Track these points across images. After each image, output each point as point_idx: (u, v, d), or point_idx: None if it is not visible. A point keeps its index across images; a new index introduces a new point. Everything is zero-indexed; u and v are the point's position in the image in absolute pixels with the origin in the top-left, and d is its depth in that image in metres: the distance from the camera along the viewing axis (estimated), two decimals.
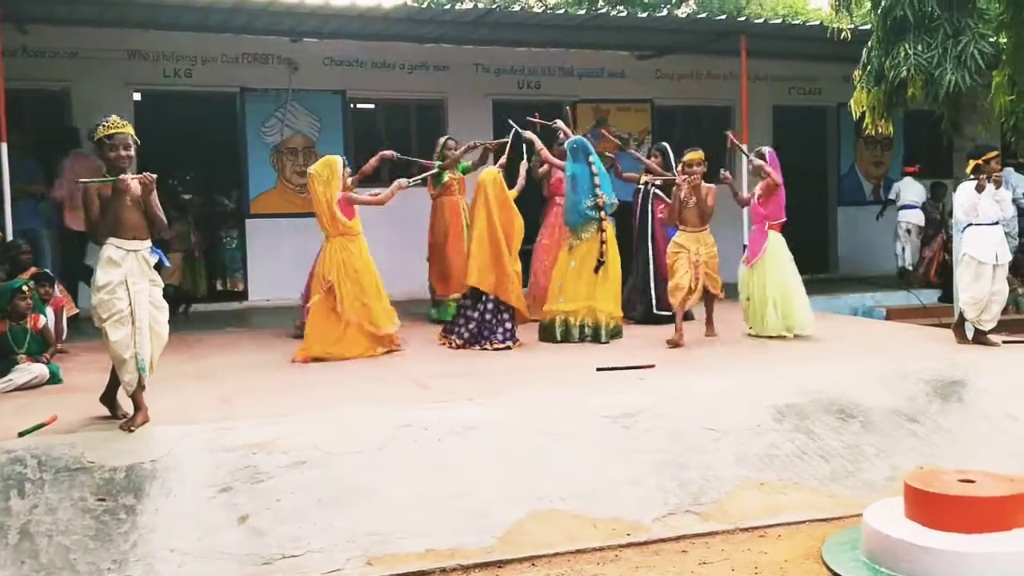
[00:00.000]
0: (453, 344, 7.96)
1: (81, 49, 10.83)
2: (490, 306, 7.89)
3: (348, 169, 7.92)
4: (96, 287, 5.14)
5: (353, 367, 7.31)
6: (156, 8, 9.76)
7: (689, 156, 8.13)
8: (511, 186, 8.14)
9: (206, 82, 11.49)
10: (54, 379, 6.65)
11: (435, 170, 9.19)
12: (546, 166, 9.04)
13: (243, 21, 10.51)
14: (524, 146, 8.87)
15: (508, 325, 7.92)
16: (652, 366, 6.80)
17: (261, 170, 11.73)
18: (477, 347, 7.86)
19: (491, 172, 8.06)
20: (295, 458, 4.99)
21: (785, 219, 8.52)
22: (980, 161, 7.55)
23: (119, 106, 10.96)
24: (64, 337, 7.97)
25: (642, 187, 9.37)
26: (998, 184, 7.54)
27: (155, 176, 5.22)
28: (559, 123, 8.99)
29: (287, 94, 11.70)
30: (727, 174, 8.62)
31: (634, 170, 9.69)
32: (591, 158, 8.11)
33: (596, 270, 7.97)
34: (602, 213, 8.01)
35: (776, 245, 8.40)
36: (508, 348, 7.83)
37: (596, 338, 7.98)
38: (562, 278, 8.11)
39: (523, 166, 8.61)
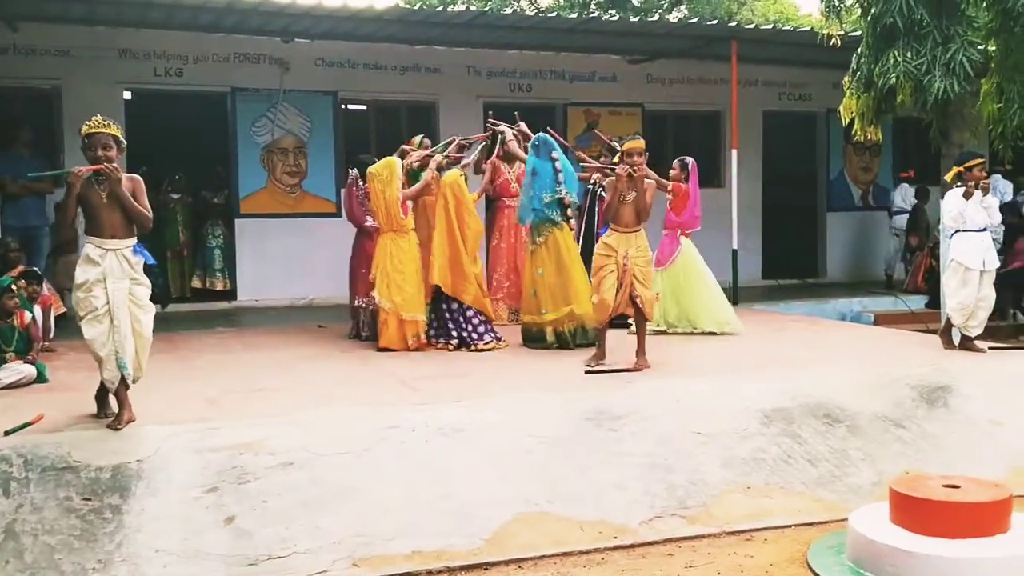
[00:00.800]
0: (451, 347, 8.00)
1: (72, 47, 10.81)
2: (454, 306, 8.05)
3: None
4: (74, 285, 5.14)
5: (341, 368, 7.31)
6: (147, 7, 9.76)
7: (629, 145, 7.15)
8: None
9: (197, 81, 11.48)
10: (40, 378, 6.62)
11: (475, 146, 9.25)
12: (486, 165, 9.27)
13: (234, 21, 10.50)
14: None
15: (482, 319, 8.08)
16: (639, 369, 6.81)
17: (251, 170, 11.71)
18: (465, 348, 7.96)
19: (453, 174, 8.18)
20: (282, 459, 4.98)
21: (699, 227, 8.88)
22: (962, 168, 7.61)
23: (110, 105, 10.98)
24: (51, 335, 7.95)
25: (590, 187, 9.31)
26: (985, 191, 7.58)
27: (117, 166, 5.15)
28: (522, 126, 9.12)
29: (278, 94, 11.70)
30: (598, 132, 8.74)
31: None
32: (554, 153, 8.06)
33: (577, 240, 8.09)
34: (568, 211, 8.07)
35: (689, 250, 8.74)
36: (492, 346, 7.97)
37: (587, 340, 7.91)
38: (534, 286, 8.06)
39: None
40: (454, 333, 8.02)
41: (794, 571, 4.43)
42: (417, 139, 9.31)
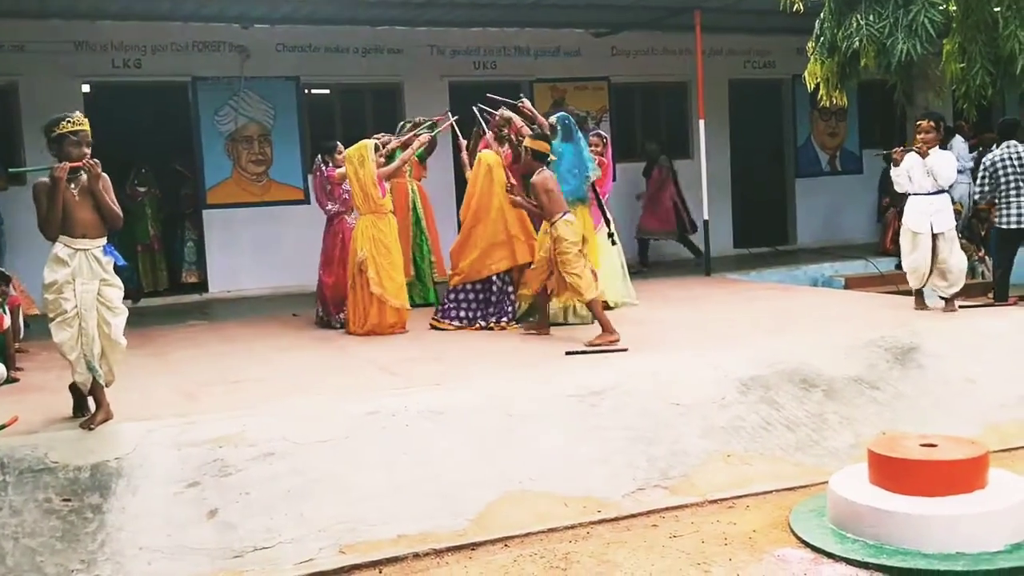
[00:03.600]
0: (452, 327, 8.03)
1: (27, 42, 10.61)
2: (498, 284, 8.08)
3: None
4: (43, 286, 5.06)
5: (318, 356, 7.28)
6: None
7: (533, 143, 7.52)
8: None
9: (157, 72, 11.31)
10: (7, 380, 6.55)
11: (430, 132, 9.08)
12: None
13: (192, 8, 10.35)
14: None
15: (513, 299, 8.13)
16: (625, 349, 6.72)
17: (216, 160, 11.58)
18: (479, 325, 8.02)
19: (492, 154, 8.18)
20: (263, 450, 4.96)
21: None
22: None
23: (68, 99, 10.81)
24: (21, 336, 7.84)
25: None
26: (923, 154, 7.59)
27: (97, 161, 5.09)
28: (525, 102, 8.97)
29: (240, 82, 11.55)
30: (524, 102, 8.74)
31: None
32: (576, 135, 8.08)
33: (611, 239, 8.14)
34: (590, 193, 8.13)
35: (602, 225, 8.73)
36: (508, 326, 8.03)
37: (579, 317, 7.93)
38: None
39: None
40: (495, 310, 8.07)
41: (777, 536, 4.49)
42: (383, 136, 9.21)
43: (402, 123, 9.83)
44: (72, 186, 5.09)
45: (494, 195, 7.99)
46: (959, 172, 11.87)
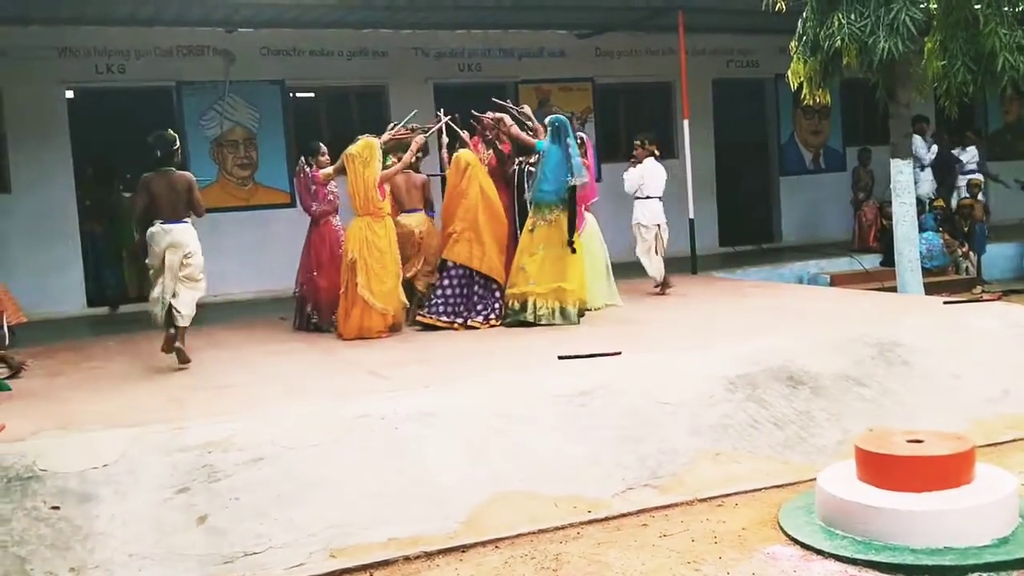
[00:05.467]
0: (440, 322, 8.06)
1: (9, 48, 10.56)
2: (481, 281, 8.13)
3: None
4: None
5: (306, 360, 7.27)
6: (81, 2, 9.53)
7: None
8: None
9: (141, 77, 11.28)
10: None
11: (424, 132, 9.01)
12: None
13: (175, 13, 10.32)
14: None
15: (498, 296, 8.17)
16: (618, 353, 6.53)
17: (202, 164, 11.53)
18: (463, 323, 8.06)
19: (469, 152, 8.29)
20: (251, 455, 4.95)
21: (596, 198, 9.32)
22: (637, 142, 9.72)
23: (52, 105, 10.80)
24: (6, 343, 7.78)
25: (516, 167, 8.73)
26: (635, 162, 9.52)
27: None
28: (526, 108, 8.99)
29: (224, 86, 11.52)
30: (524, 108, 8.98)
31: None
32: (568, 139, 8.10)
33: (571, 246, 8.04)
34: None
35: (592, 225, 9.01)
36: (493, 325, 8.07)
37: (566, 318, 7.97)
38: (526, 261, 8.08)
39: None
40: (480, 306, 8.14)
41: (766, 533, 4.50)
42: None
43: (392, 124, 9.71)
44: None
45: (469, 193, 8.05)
46: (920, 169, 12.19)
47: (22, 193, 10.71)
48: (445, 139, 8.99)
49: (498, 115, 8.63)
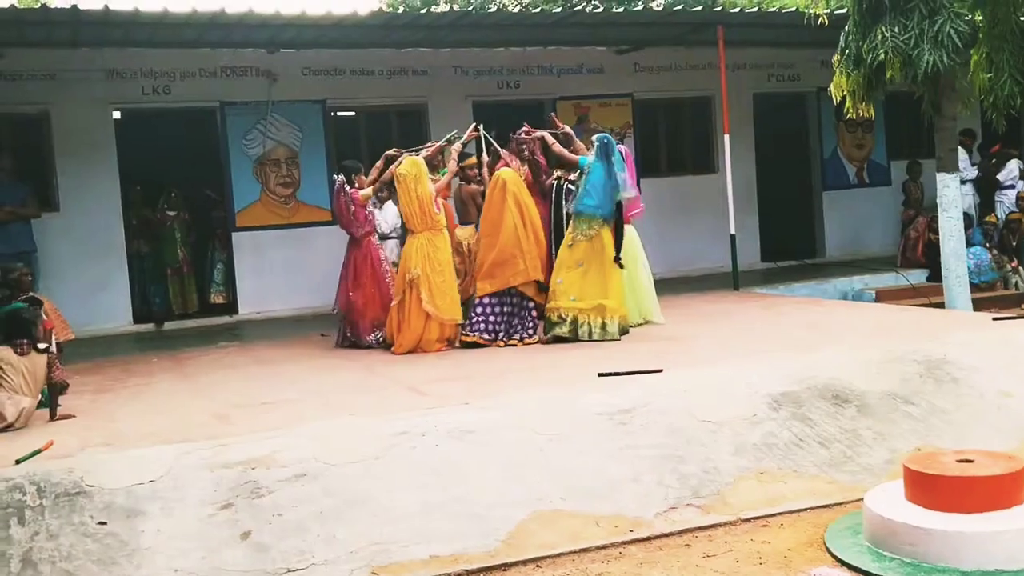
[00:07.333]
0: (483, 340, 8.10)
1: (59, 71, 10.78)
2: (515, 299, 8.16)
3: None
4: None
5: (347, 377, 7.31)
6: (131, 26, 9.72)
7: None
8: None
9: (185, 97, 11.45)
10: (43, 403, 6.60)
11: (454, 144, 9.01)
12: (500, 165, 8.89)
13: (219, 35, 10.48)
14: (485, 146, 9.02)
15: (535, 315, 8.21)
16: (660, 370, 6.45)
17: (245, 183, 11.69)
18: (504, 341, 8.11)
19: (509, 171, 8.28)
20: (294, 471, 4.98)
21: (640, 211, 9.11)
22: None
23: (100, 126, 11.01)
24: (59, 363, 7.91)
25: (555, 182, 8.73)
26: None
27: None
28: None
29: (267, 106, 11.67)
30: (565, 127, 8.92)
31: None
32: (613, 157, 8.11)
33: (618, 262, 8.06)
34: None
35: (633, 238, 8.79)
36: (531, 343, 8.10)
37: (607, 335, 7.96)
38: (564, 276, 8.08)
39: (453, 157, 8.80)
40: (518, 325, 8.18)
41: (812, 554, 4.44)
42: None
43: (428, 144, 9.79)
44: None
45: (507, 211, 8.05)
46: (962, 183, 11.89)
47: (70, 212, 10.91)
48: (486, 157, 8.99)
49: (537, 132, 8.64)
